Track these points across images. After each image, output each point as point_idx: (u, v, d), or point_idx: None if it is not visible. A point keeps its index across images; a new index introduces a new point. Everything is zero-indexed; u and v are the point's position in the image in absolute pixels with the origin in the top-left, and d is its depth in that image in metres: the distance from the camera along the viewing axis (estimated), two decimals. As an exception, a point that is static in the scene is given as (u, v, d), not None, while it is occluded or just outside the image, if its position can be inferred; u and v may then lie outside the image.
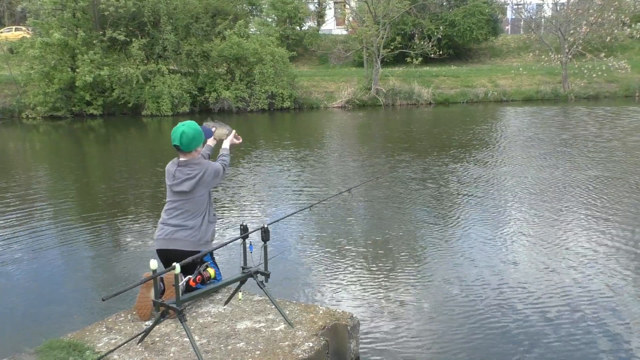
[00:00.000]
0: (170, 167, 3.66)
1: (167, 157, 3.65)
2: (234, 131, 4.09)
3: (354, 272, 5.29)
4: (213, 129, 4.06)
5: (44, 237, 6.69)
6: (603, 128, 15.55)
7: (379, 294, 4.76)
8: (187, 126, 3.59)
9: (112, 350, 3.02)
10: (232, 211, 7.64)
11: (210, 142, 4.02)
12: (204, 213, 3.66)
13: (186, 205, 3.60)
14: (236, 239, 3.47)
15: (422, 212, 7.39)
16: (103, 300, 2.69)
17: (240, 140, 4.15)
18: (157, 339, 3.26)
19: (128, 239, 6.53)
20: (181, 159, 3.63)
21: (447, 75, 27.08)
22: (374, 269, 5.36)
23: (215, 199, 8.23)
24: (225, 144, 4.00)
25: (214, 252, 3.83)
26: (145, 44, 22.45)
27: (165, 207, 3.70)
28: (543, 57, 26.12)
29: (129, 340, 3.12)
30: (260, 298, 3.78)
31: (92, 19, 22.62)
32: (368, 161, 11.48)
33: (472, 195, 8.18)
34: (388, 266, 5.41)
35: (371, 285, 4.97)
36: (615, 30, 25.65)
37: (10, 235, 6.72)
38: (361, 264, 5.49)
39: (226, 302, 3.70)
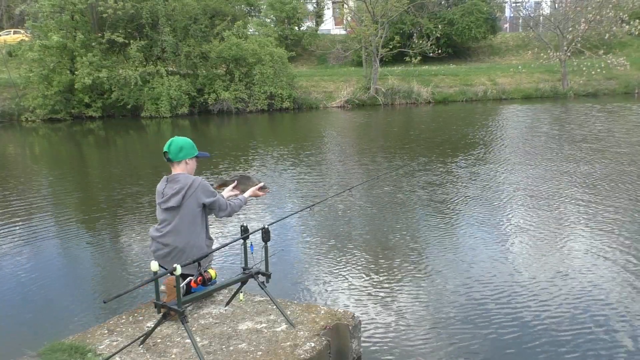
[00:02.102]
0: (159, 186, 3.55)
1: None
2: (261, 184, 3.80)
3: (355, 271, 5.29)
4: (232, 181, 3.79)
5: (45, 239, 6.68)
6: (622, 124, 15.52)
7: (381, 294, 4.76)
8: (178, 137, 3.59)
9: (115, 353, 3.02)
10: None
11: (226, 192, 3.77)
12: (199, 233, 3.49)
13: (177, 222, 3.43)
14: (237, 240, 3.47)
15: (426, 211, 7.38)
16: (104, 302, 2.69)
17: (263, 194, 3.86)
18: (158, 340, 3.26)
19: (129, 241, 6.54)
20: (171, 174, 3.55)
21: (446, 74, 27.08)
22: (375, 268, 5.35)
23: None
24: (246, 193, 3.78)
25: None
26: (143, 46, 22.45)
27: (157, 225, 3.56)
28: (542, 55, 26.12)
29: (132, 342, 3.11)
30: (262, 299, 3.78)
31: (91, 21, 22.62)
32: (369, 161, 11.48)
33: (482, 195, 8.18)
34: (389, 265, 5.41)
35: (373, 284, 4.97)
36: (614, 27, 25.64)
37: (10, 237, 6.72)
38: (362, 264, 5.48)
39: (227, 303, 3.70)
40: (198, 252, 3.42)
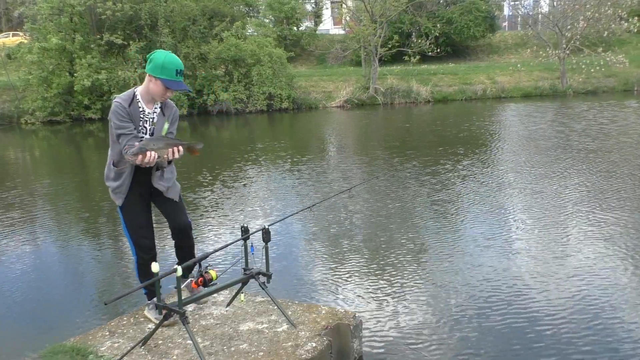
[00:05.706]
0: None
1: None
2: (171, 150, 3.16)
3: (356, 271, 5.28)
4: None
5: (45, 240, 6.69)
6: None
7: (381, 293, 4.76)
8: (164, 52, 3.27)
9: (121, 358, 3.01)
10: (232, 213, 7.64)
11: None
12: (109, 155, 3.49)
13: None
14: (237, 241, 3.47)
15: (428, 211, 7.38)
16: (105, 304, 2.69)
17: (165, 157, 3.18)
18: (160, 341, 3.26)
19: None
20: None
21: (445, 73, 27.09)
22: (376, 268, 5.35)
23: (215, 199, 8.23)
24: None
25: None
26: (142, 47, 22.44)
27: None
28: (541, 53, 26.14)
29: (134, 346, 3.11)
30: (263, 299, 3.78)
31: (90, 23, 22.62)
32: (370, 161, 11.48)
33: (490, 196, 8.18)
34: (390, 265, 5.40)
35: (373, 284, 4.96)
36: (613, 25, 25.65)
37: (11, 239, 6.72)
38: (363, 264, 5.48)
39: (228, 304, 3.70)
40: (107, 169, 3.49)
